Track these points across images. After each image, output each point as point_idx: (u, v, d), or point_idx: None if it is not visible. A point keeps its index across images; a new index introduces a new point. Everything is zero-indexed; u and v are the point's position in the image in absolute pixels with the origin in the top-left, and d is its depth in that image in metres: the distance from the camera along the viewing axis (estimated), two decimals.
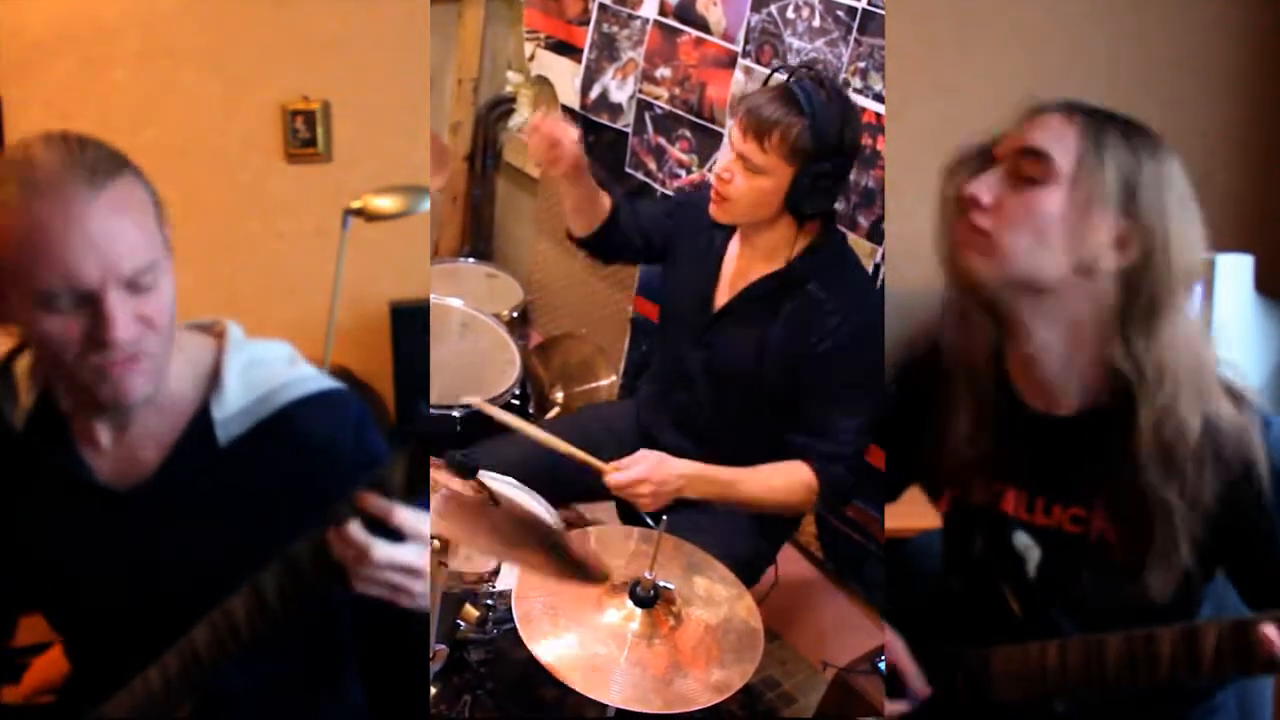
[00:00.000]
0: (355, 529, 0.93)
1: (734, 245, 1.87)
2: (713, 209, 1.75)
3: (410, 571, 0.96)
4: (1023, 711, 1.23)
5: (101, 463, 1.10)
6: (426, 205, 2.01)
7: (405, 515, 0.95)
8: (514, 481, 1.80)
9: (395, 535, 0.95)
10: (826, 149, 1.64)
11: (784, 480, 1.77)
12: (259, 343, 1.16)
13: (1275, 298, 2.00)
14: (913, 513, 1.55)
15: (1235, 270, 1.90)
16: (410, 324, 2.41)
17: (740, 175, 1.68)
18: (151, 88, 2.37)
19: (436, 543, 1.30)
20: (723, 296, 1.85)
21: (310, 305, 2.20)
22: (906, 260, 2.25)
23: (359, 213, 1.96)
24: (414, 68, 2.45)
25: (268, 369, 1.13)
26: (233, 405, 1.09)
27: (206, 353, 1.12)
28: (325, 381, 1.15)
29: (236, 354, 1.12)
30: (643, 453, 1.76)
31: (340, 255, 1.97)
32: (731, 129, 1.70)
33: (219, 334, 1.15)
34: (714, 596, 1.55)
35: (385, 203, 1.97)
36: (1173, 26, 2.09)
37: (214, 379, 1.10)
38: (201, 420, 1.09)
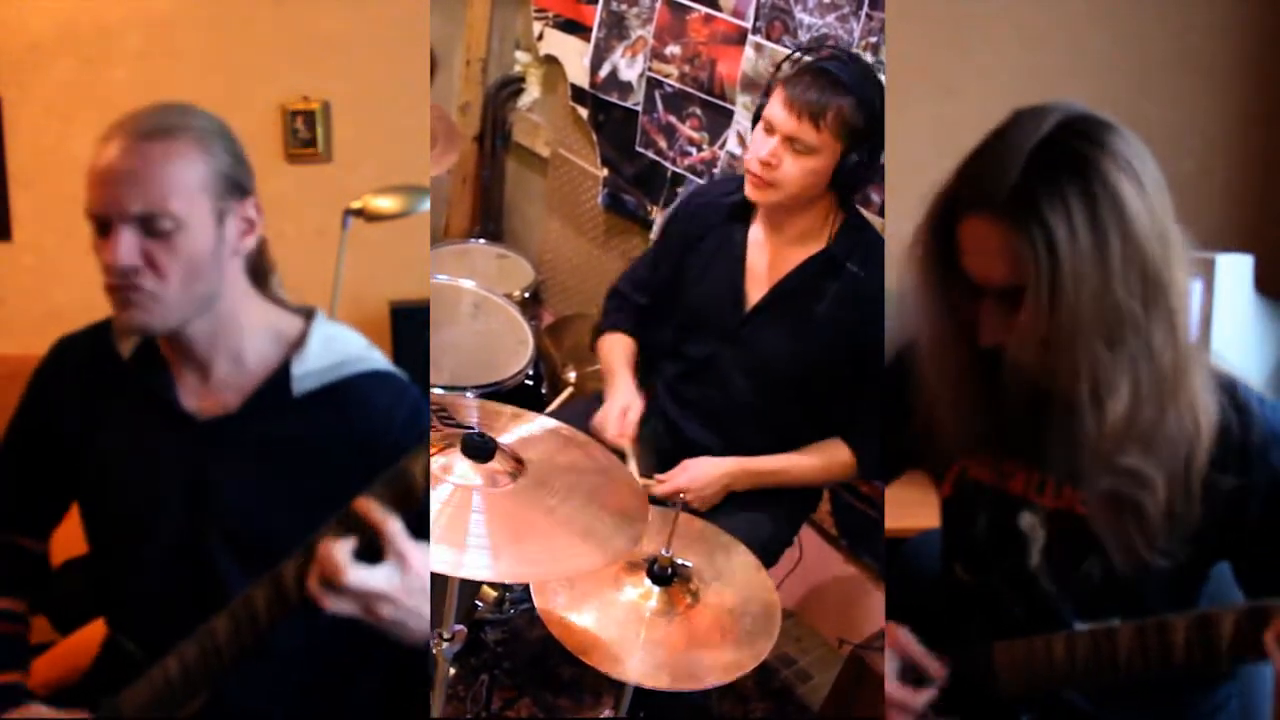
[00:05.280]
0: (337, 548, 1.00)
1: (755, 234, 1.84)
2: (754, 194, 1.74)
3: (380, 598, 1.02)
4: (1030, 702, 1.22)
5: (189, 397, 1.23)
6: (426, 205, 2.00)
7: (396, 534, 1.01)
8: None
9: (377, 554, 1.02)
10: (872, 124, 1.66)
11: (825, 460, 1.83)
12: (341, 325, 1.29)
13: (1275, 298, 1.99)
14: (913, 513, 1.55)
15: (1235, 270, 1.90)
16: (410, 324, 2.41)
17: (789, 158, 1.67)
18: (151, 88, 2.36)
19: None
20: (756, 290, 1.83)
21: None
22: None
23: (359, 213, 1.95)
24: (414, 68, 2.45)
25: (346, 343, 1.26)
26: (310, 365, 1.22)
27: (295, 326, 1.25)
28: (392, 366, 1.29)
29: (321, 327, 1.25)
30: (684, 463, 1.81)
31: (340, 255, 1.96)
32: (772, 113, 1.68)
33: (309, 315, 1.28)
34: (732, 571, 1.55)
35: (385, 203, 1.96)
36: (1173, 26, 2.09)
37: (298, 345, 1.23)
38: (281, 375, 1.22)
